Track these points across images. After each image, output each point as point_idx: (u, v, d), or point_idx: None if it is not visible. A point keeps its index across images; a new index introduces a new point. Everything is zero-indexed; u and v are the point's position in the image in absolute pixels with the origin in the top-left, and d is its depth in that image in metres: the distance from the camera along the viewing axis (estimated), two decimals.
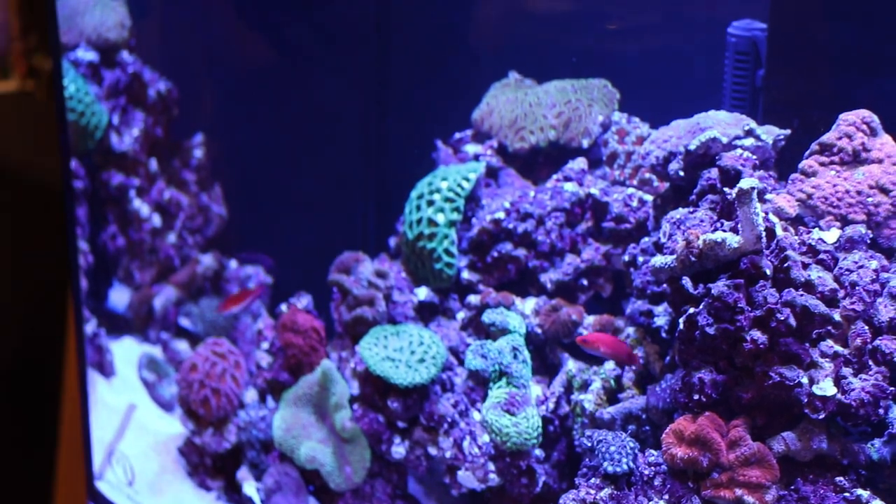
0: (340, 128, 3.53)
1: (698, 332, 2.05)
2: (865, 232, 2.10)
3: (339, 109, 3.52)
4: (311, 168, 3.59)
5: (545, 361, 2.71)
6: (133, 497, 3.10)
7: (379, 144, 3.44)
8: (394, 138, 3.42)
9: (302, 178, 3.60)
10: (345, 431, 2.66)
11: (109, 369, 3.50)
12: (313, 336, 2.82)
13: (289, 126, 3.61)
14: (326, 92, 3.53)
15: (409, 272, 2.82)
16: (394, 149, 3.42)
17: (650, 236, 2.49)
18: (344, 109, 3.51)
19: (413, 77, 3.39)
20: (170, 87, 3.75)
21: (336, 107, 3.52)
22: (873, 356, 1.96)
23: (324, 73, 3.54)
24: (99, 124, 3.46)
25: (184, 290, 3.68)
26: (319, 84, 3.55)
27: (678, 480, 2.07)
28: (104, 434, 3.26)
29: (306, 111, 3.56)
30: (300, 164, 3.61)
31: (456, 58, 3.28)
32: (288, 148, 3.64)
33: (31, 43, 4.47)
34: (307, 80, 3.56)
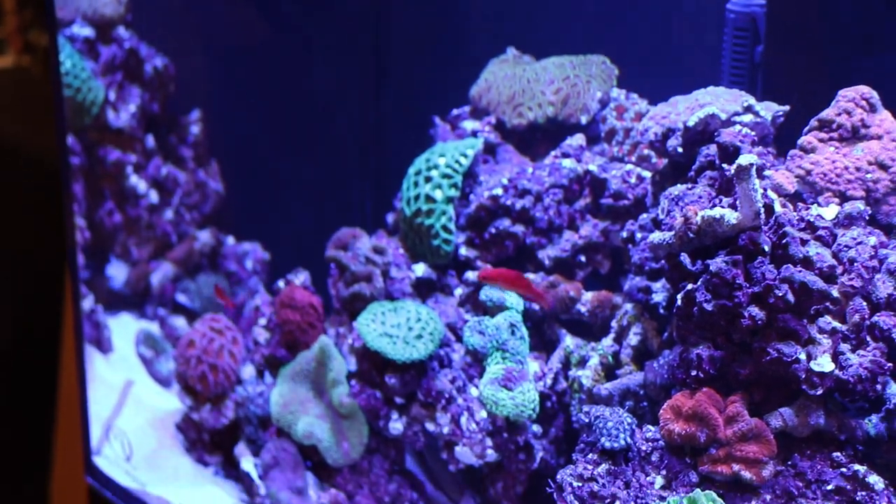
0: (338, 104, 3.52)
1: (696, 308, 2.05)
2: (864, 208, 2.09)
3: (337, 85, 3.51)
4: (308, 144, 3.58)
5: (543, 338, 2.71)
6: (131, 472, 3.10)
7: (377, 121, 3.44)
8: (392, 114, 3.42)
9: (299, 154, 3.59)
10: (342, 407, 2.67)
11: (107, 345, 3.50)
12: (311, 312, 2.82)
13: (286, 102, 3.60)
14: (324, 68, 3.52)
15: (407, 248, 2.82)
16: (391, 125, 3.42)
17: (648, 213, 2.49)
18: (342, 85, 3.50)
19: (411, 53, 3.38)
20: (166, 63, 3.74)
21: (334, 82, 3.51)
22: (871, 332, 1.96)
23: (321, 48, 3.53)
24: (95, 100, 3.45)
25: (181, 266, 3.68)
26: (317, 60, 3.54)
27: (675, 456, 2.08)
28: (102, 410, 3.26)
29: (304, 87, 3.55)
30: (298, 140, 3.61)
31: (453, 34, 3.27)
32: (285, 124, 3.63)
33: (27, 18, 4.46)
34: (304, 56, 3.55)
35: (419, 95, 3.32)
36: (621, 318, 2.52)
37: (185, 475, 3.02)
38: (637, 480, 2.08)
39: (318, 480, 2.76)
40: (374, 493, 2.74)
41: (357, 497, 2.74)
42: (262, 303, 2.98)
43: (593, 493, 2.05)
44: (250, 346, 3.00)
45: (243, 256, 3.74)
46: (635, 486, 2.06)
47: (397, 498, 2.75)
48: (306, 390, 2.78)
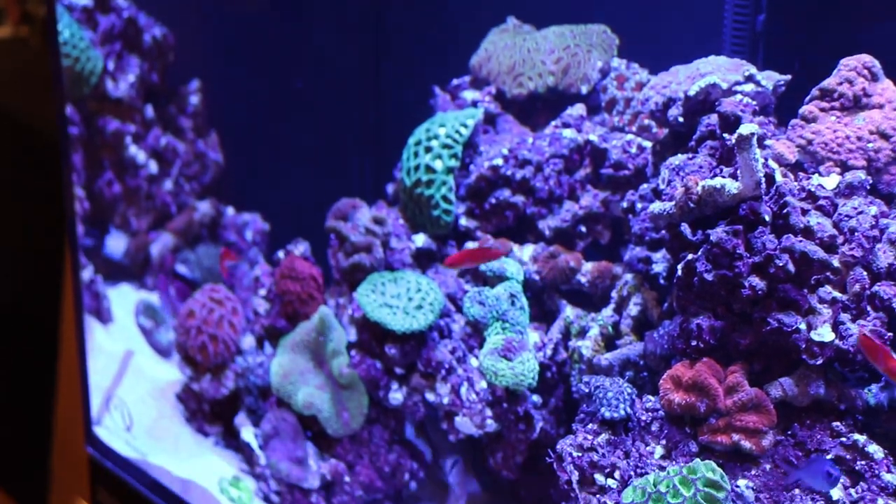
0: (337, 74, 3.51)
1: (696, 278, 2.05)
2: (865, 178, 2.09)
3: (337, 56, 3.50)
4: (308, 115, 3.57)
5: (543, 308, 2.71)
6: (131, 442, 3.11)
7: (376, 91, 3.42)
8: (391, 85, 3.40)
9: (299, 125, 3.58)
10: (342, 377, 2.67)
11: (107, 316, 3.50)
12: (311, 283, 2.81)
13: (285, 72, 3.59)
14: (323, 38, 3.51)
15: (407, 219, 2.82)
16: (391, 95, 3.41)
17: (649, 183, 2.48)
18: (341, 56, 3.49)
19: (410, 23, 3.37)
20: (165, 33, 3.72)
21: (333, 53, 3.50)
22: (872, 302, 1.96)
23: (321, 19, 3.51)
24: (94, 70, 3.44)
25: (181, 236, 3.67)
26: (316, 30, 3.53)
27: (675, 426, 2.08)
28: (102, 380, 3.27)
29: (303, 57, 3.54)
30: (297, 111, 3.59)
31: (454, 3, 3.25)
32: (285, 95, 3.62)
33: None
34: (304, 27, 3.54)
35: (419, 65, 3.31)
36: (621, 288, 2.51)
37: (185, 445, 3.03)
38: (637, 450, 2.08)
39: (318, 450, 2.76)
40: (374, 463, 2.74)
41: (357, 467, 2.74)
42: (261, 273, 2.98)
43: (593, 462, 2.06)
44: (250, 317, 3.00)
45: (243, 227, 3.74)
46: (635, 455, 2.07)
47: (397, 468, 2.76)
48: (306, 361, 2.78)
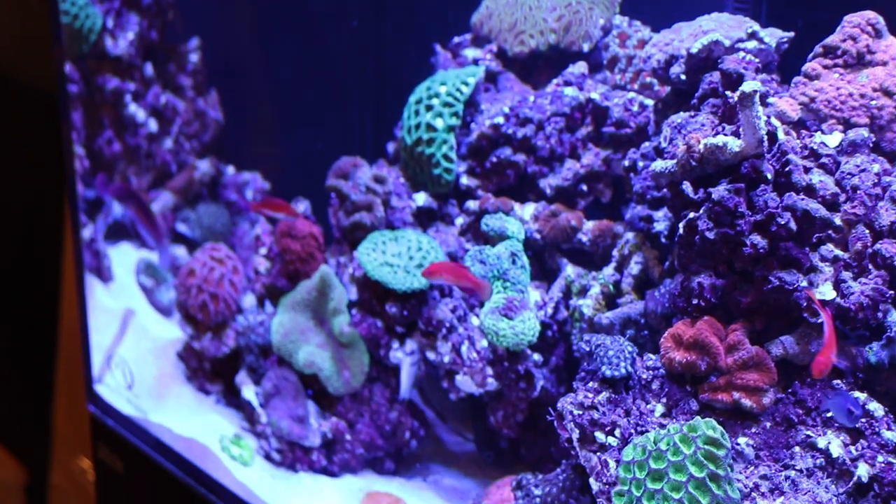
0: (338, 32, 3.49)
1: (698, 236, 2.05)
2: (868, 135, 2.08)
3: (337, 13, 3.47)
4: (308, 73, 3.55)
5: (544, 267, 2.71)
6: (132, 401, 3.12)
7: (377, 49, 3.40)
8: (392, 43, 3.39)
9: (299, 83, 3.57)
10: (343, 336, 2.67)
11: (107, 274, 3.50)
12: (311, 242, 2.81)
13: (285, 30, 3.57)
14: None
15: (408, 178, 2.81)
16: (392, 53, 3.39)
17: (650, 141, 2.48)
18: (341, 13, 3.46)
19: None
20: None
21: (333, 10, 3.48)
22: (873, 260, 1.96)
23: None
24: (93, 27, 3.42)
25: (181, 195, 3.66)
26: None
27: (676, 384, 2.08)
28: (103, 339, 3.27)
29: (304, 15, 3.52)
30: (297, 69, 3.58)
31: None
32: (284, 52, 3.60)
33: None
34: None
35: (420, 23, 3.29)
36: (622, 247, 2.51)
37: (186, 403, 3.04)
38: (637, 408, 2.08)
39: (319, 409, 2.77)
40: (375, 422, 2.75)
41: (358, 425, 2.75)
42: (262, 232, 2.98)
43: (594, 420, 2.06)
44: (251, 276, 3.00)
45: (243, 186, 3.73)
46: (636, 413, 2.07)
47: (398, 426, 2.76)
48: (307, 319, 2.78)
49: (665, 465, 1.85)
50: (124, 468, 3.10)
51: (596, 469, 2.00)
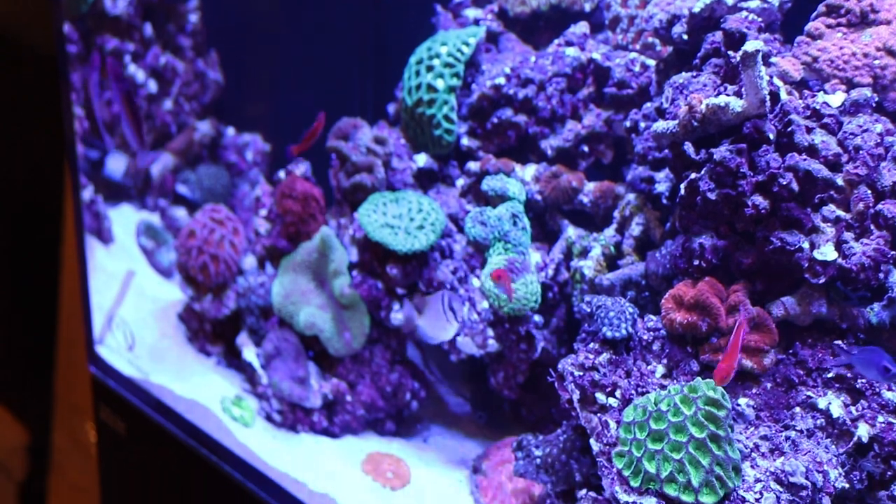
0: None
1: (700, 197, 2.04)
2: (871, 95, 2.07)
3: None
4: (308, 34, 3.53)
5: (545, 228, 2.70)
6: (133, 362, 3.12)
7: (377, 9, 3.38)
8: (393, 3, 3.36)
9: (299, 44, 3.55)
10: (344, 298, 2.67)
11: (108, 236, 3.49)
12: (312, 203, 2.80)
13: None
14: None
15: (408, 139, 2.80)
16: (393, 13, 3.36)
17: (652, 101, 2.47)
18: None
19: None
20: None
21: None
22: (875, 220, 1.95)
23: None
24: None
25: (181, 157, 3.65)
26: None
27: (677, 345, 2.08)
28: (104, 300, 3.27)
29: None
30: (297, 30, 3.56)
31: None
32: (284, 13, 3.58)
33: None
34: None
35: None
36: (623, 208, 2.50)
37: (187, 365, 3.04)
38: (638, 369, 2.08)
39: (320, 370, 2.77)
40: (376, 383, 2.75)
41: (359, 386, 2.75)
42: (262, 193, 2.97)
43: (594, 382, 2.06)
44: (251, 237, 2.99)
45: (243, 147, 3.72)
46: (636, 375, 2.07)
47: (399, 387, 2.77)
48: (307, 281, 2.78)
49: (665, 425, 1.86)
50: (126, 429, 3.11)
51: (596, 430, 2.01)
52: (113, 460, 3.28)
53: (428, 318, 2.41)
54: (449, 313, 2.34)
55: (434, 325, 2.38)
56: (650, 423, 1.88)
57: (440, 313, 2.35)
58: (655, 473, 1.84)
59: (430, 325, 2.40)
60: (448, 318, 2.35)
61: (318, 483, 2.55)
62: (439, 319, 2.36)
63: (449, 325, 2.35)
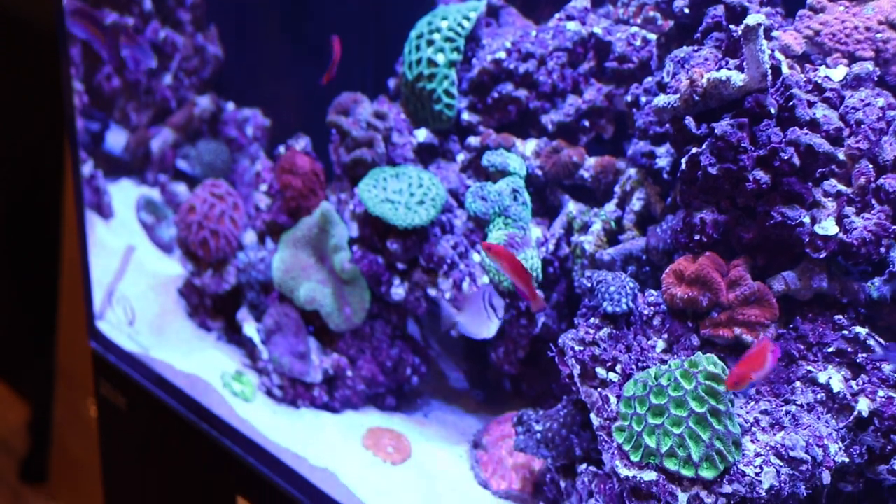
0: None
1: (700, 172, 2.04)
2: (873, 69, 2.06)
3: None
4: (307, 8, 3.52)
5: (545, 203, 2.70)
6: (134, 337, 3.12)
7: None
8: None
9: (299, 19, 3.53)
10: (344, 273, 2.67)
11: (108, 211, 3.49)
12: (312, 178, 2.80)
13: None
14: None
15: (409, 113, 2.79)
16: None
17: (653, 76, 2.46)
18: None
19: None
20: None
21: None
22: (877, 195, 1.95)
23: None
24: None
25: (181, 132, 3.64)
26: None
27: (677, 320, 2.08)
28: (104, 275, 3.27)
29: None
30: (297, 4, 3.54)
31: None
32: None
33: None
34: None
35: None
36: (624, 183, 2.50)
37: (187, 340, 3.04)
38: (638, 344, 2.08)
39: (321, 345, 2.77)
40: (376, 358, 2.75)
41: (359, 361, 2.75)
42: (262, 168, 2.96)
43: (595, 356, 2.06)
44: (251, 212, 2.99)
45: (244, 122, 3.71)
46: (637, 349, 2.07)
47: (399, 362, 2.77)
48: (308, 256, 2.78)
49: (666, 400, 1.86)
50: (126, 404, 3.12)
51: (597, 404, 2.01)
52: (114, 435, 3.29)
53: (469, 315, 2.43)
54: (490, 310, 2.35)
55: (475, 321, 2.40)
56: (650, 397, 1.88)
57: (481, 310, 2.36)
58: (656, 448, 1.84)
59: (471, 322, 2.42)
60: (489, 314, 2.36)
61: (318, 458, 2.55)
62: (480, 316, 2.37)
63: (490, 322, 2.37)
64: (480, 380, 2.87)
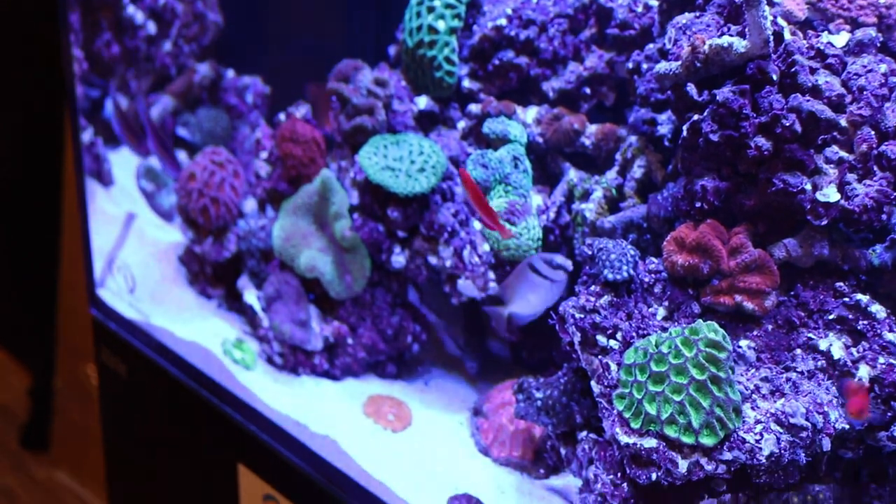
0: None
1: (702, 139, 2.03)
2: (876, 35, 2.05)
3: None
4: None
5: (546, 171, 2.69)
6: (134, 304, 3.12)
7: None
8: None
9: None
10: (345, 240, 2.66)
11: (108, 178, 3.49)
12: (312, 146, 2.79)
13: None
14: None
15: (409, 81, 2.78)
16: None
17: (655, 42, 2.45)
18: None
19: None
20: None
21: None
22: (878, 162, 1.94)
23: None
24: None
25: (180, 99, 3.63)
26: None
27: (678, 287, 2.08)
28: (104, 243, 3.27)
29: None
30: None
31: None
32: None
33: None
34: None
35: None
36: (625, 150, 2.49)
37: (188, 307, 3.04)
38: (639, 312, 2.08)
39: (321, 313, 2.77)
40: (377, 326, 2.75)
41: (360, 329, 2.75)
42: (263, 136, 2.95)
43: (595, 324, 2.06)
44: (251, 180, 2.98)
45: (244, 90, 3.69)
46: (637, 317, 2.07)
47: (400, 330, 2.77)
48: (308, 224, 2.78)
49: (666, 367, 1.86)
50: (127, 372, 3.12)
51: (597, 372, 2.01)
52: (114, 403, 3.30)
53: (520, 297, 2.36)
54: (540, 276, 2.30)
55: (533, 297, 2.33)
56: (651, 364, 1.88)
57: (533, 283, 2.30)
58: (656, 415, 1.84)
59: (526, 302, 2.35)
60: (544, 276, 2.30)
61: (319, 425, 2.56)
62: (536, 288, 2.31)
63: (551, 284, 2.31)
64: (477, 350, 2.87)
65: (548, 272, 2.28)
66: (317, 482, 2.49)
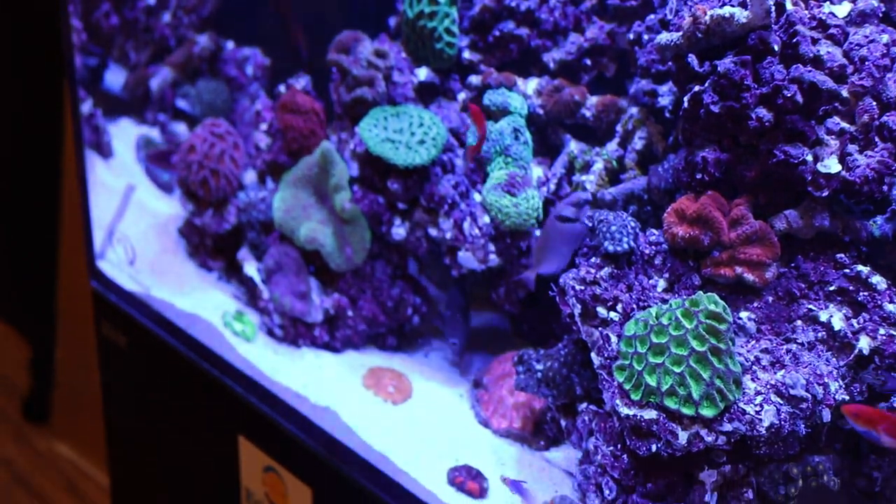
0: None
1: (703, 110, 2.02)
2: (878, 4, 2.04)
3: None
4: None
5: (547, 142, 2.69)
6: (135, 276, 3.12)
7: None
8: None
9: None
10: (345, 212, 2.66)
11: (107, 150, 3.48)
12: (313, 117, 2.78)
13: None
14: None
15: (410, 52, 2.77)
16: None
17: (656, 13, 2.44)
18: None
19: None
20: None
21: None
22: (880, 132, 1.94)
23: None
24: None
25: (180, 71, 3.62)
26: None
27: (679, 259, 2.08)
28: (104, 215, 3.26)
29: None
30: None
31: None
32: None
33: None
34: None
35: None
36: (626, 122, 2.49)
37: (188, 279, 3.04)
38: (639, 283, 2.08)
39: (321, 285, 2.77)
40: (377, 298, 2.75)
41: (360, 301, 2.75)
42: (262, 108, 2.94)
43: (595, 296, 2.06)
44: (251, 152, 2.98)
45: (244, 62, 3.68)
46: (638, 288, 2.07)
47: (400, 302, 2.77)
48: (308, 196, 2.77)
49: (667, 339, 1.86)
50: (127, 343, 3.12)
51: (597, 344, 2.01)
52: (115, 375, 3.30)
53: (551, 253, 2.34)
54: (565, 226, 2.27)
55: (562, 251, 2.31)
56: (651, 336, 1.88)
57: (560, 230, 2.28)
58: (656, 387, 1.84)
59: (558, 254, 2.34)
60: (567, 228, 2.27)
61: (319, 397, 2.56)
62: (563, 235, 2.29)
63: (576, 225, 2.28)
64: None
65: (574, 214, 2.28)
66: (317, 454, 2.50)
